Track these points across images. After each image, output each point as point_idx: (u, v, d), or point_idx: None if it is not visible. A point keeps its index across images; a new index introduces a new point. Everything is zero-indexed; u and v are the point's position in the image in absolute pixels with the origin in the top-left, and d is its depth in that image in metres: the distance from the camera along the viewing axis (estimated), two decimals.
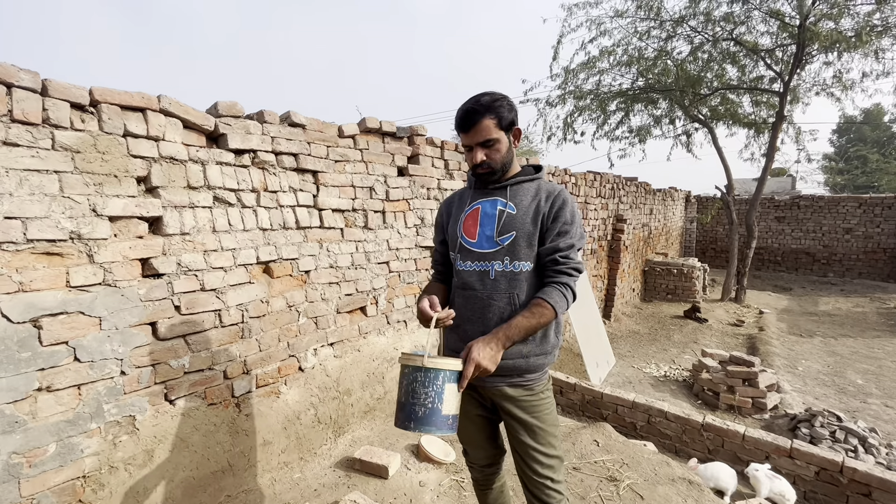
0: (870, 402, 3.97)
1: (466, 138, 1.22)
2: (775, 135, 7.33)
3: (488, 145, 1.22)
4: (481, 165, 1.24)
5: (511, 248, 1.24)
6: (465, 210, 1.33)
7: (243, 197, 2.10)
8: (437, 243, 1.47)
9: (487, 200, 1.30)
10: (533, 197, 1.27)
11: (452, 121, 1.27)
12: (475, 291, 1.27)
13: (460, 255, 1.31)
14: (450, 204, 1.43)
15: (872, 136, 21.85)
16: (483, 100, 1.20)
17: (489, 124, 1.20)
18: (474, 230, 1.29)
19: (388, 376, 2.77)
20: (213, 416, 1.94)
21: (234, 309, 2.04)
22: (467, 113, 1.20)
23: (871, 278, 9.82)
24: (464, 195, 1.39)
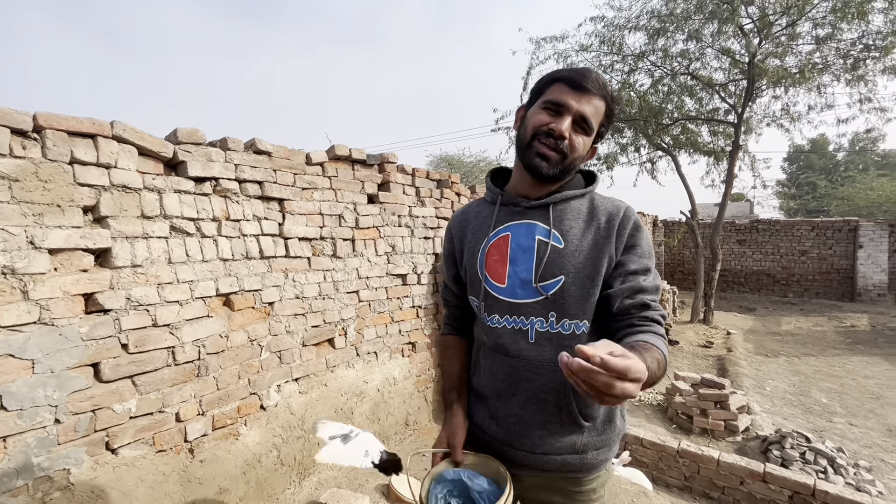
0: (835, 420, 4.06)
1: (568, 96, 0.84)
2: (732, 162, 7.72)
3: (583, 126, 0.86)
4: (556, 140, 0.85)
5: (559, 299, 0.87)
6: (488, 236, 0.95)
7: (203, 226, 2.00)
8: (449, 279, 1.09)
9: (520, 224, 0.92)
10: (587, 221, 0.90)
11: (423, 147, 1.14)
12: (509, 358, 0.92)
13: (485, 304, 0.94)
14: (462, 223, 1.03)
15: (820, 163, 23.42)
16: (609, 85, 0.89)
17: (601, 108, 0.87)
18: (502, 269, 0.91)
19: (357, 411, 2.65)
20: (162, 465, 1.79)
21: (190, 345, 1.92)
22: (592, 74, 0.86)
23: (828, 298, 10.29)
24: (482, 212, 1.00)
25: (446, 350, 1.10)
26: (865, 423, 3.99)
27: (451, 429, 0.96)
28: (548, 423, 0.90)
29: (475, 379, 1.03)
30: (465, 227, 1.02)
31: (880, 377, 5.19)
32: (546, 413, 0.89)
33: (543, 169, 0.87)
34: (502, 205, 0.96)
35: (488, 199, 1.01)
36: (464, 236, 1.01)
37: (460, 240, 1.03)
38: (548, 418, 0.90)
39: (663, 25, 7.07)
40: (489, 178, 1.04)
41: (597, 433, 0.91)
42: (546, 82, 0.90)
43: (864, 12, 5.86)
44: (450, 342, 1.10)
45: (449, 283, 1.09)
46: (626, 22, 7.52)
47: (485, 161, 18.06)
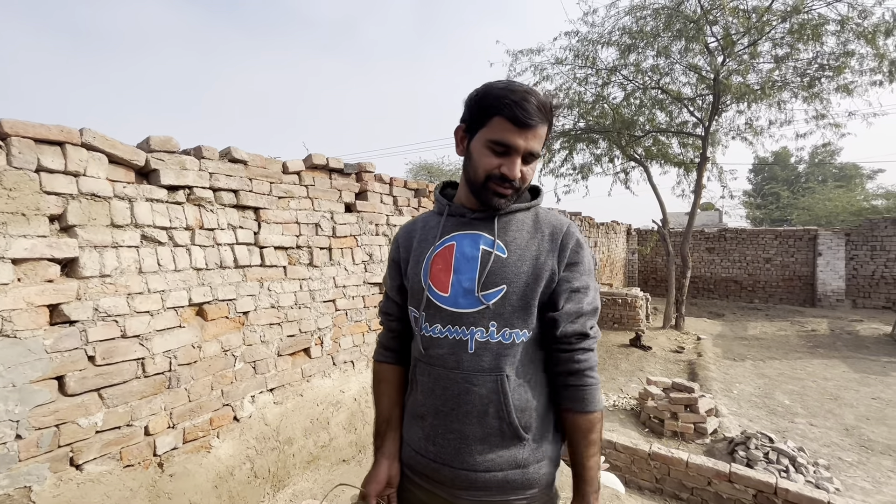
0: (797, 421, 4.24)
1: (513, 136, 0.84)
2: (701, 173, 8.02)
3: (531, 159, 0.88)
4: (510, 183, 0.87)
5: (500, 308, 0.87)
6: (433, 246, 0.94)
7: (176, 235, 1.98)
8: (393, 290, 1.04)
9: (466, 235, 0.93)
10: (531, 233, 0.92)
11: (402, 155, 1.16)
12: (447, 370, 0.90)
13: (426, 313, 0.92)
14: (409, 233, 1.03)
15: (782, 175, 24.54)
16: (548, 99, 0.86)
17: (545, 131, 0.87)
18: (446, 278, 0.91)
19: (333, 421, 2.63)
20: (130, 480, 1.74)
21: (161, 356, 1.88)
22: (533, 103, 0.83)
23: (790, 303, 10.74)
24: (429, 222, 1.00)
25: (379, 383, 1.06)
26: (824, 423, 4.18)
27: (369, 478, 0.97)
28: (488, 437, 0.88)
29: (411, 398, 0.99)
30: (412, 237, 1.01)
31: (838, 379, 5.45)
32: (486, 426, 0.88)
33: (502, 206, 0.90)
34: (449, 215, 0.97)
35: (436, 210, 1.02)
36: (410, 246, 1.00)
37: (406, 249, 1.01)
38: (488, 431, 0.88)
39: (634, 42, 7.34)
40: (438, 190, 1.04)
41: (536, 445, 0.90)
42: (486, 113, 0.86)
43: (818, 34, 6.24)
44: (384, 373, 1.05)
45: (392, 294, 1.05)
46: (599, 37, 7.77)
47: None
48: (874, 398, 4.79)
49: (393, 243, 1.07)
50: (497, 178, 0.87)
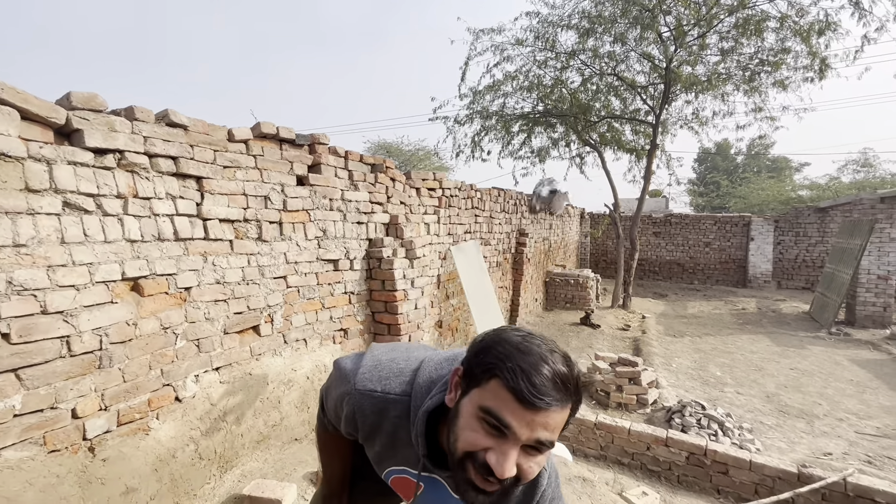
0: (726, 390, 4.62)
1: (516, 416, 0.62)
2: (651, 160, 8.37)
3: (536, 450, 0.65)
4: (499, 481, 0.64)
5: None
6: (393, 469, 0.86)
7: (105, 203, 1.81)
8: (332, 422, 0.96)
9: (435, 482, 0.83)
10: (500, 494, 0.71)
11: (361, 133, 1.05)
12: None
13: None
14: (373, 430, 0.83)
15: (723, 165, 26.12)
16: (573, 370, 0.66)
17: (564, 418, 0.65)
18: (409, 494, 0.88)
19: (284, 400, 2.56)
20: (56, 466, 1.61)
21: (90, 334, 1.73)
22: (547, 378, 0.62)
23: (725, 284, 11.59)
24: (399, 436, 0.81)
25: (328, 446, 1.01)
26: (749, 392, 4.57)
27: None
28: None
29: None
30: (376, 435, 0.83)
31: (763, 352, 5.97)
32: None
33: (480, 502, 0.67)
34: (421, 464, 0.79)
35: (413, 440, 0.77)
36: (371, 440, 0.84)
37: (365, 439, 0.85)
38: None
39: (592, 26, 7.44)
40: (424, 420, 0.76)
41: None
42: (485, 370, 0.65)
43: (760, 29, 6.59)
44: (333, 442, 1.01)
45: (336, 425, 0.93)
46: (559, 20, 7.81)
47: (423, 150, 18.02)
48: (792, 368, 5.29)
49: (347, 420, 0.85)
50: (480, 464, 0.64)
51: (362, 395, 0.81)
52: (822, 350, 6.05)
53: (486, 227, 5.47)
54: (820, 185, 14.63)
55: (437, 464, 0.76)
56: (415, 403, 0.77)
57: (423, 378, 0.80)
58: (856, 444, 3.48)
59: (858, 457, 3.27)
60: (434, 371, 0.81)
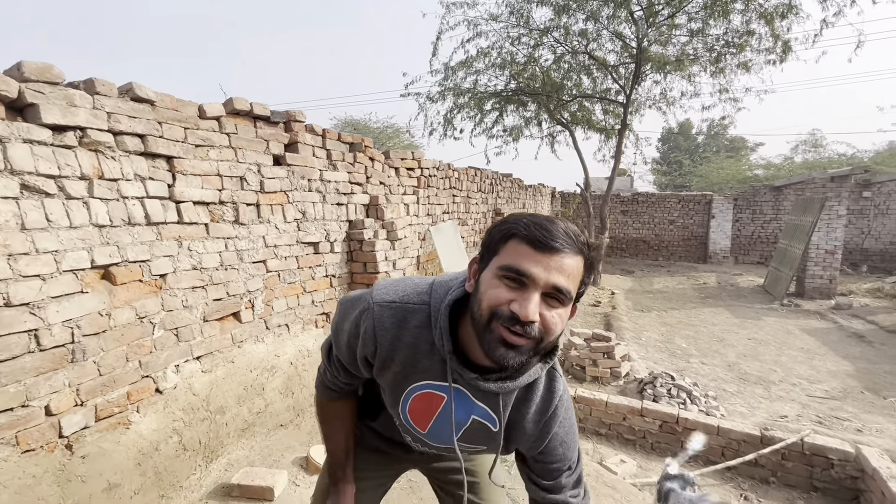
0: (692, 361, 4.88)
1: (532, 261, 0.65)
2: (621, 139, 8.52)
3: (556, 299, 0.67)
4: (524, 326, 0.66)
5: (476, 458, 1.04)
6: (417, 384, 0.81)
7: (68, 186, 1.67)
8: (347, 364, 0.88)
9: (460, 393, 0.80)
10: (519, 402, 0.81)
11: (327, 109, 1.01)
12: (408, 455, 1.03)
13: (399, 421, 0.90)
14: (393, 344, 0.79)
15: (685, 145, 26.96)
16: (582, 233, 0.70)
17: (578, 266, 0.68)
18: (425, 421, 0.84)
19: (268, 387, 2.51)
20: (32, 466, 1.52)
21: (60, 326, 1.62)
22: (559, 229, 0.67)
23: (687, 260, 12.13)
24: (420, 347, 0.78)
25: (331, 419, 0.99)
26: (713, 361, 4.85)
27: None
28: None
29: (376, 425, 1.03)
30: (396, 350, 0.80)
31: (724, 324, 6.33)
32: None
33: (511, 360, 0.68)
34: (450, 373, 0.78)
35: (435, 338, 0.77)
36: (391, 357, 0.80)
37: (385, 358, 0.80)
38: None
39: (567, 2, 7.38)
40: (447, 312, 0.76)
41: None
42: (502, 237, 0.69)
43: (727, 11, 6.72)
44: (334, 410, 0.98)
45: (347, 366, 0.88)
46: None
47: (392, 127, 17.63)
48: (750, 339, 5.64)
49: (366, 337, 0.79)
50: (505, 317, 0.66)
51: (381, 307, 0.79)
52: (776, 321, 6.47)
53: (463, 207, 5.45)
54: (774, 165, 15.38)
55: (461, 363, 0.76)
56: (434, 307, 0.78)
57: (439, 287, 0.81)
58: (807, 407, 3.77)
59: (810, 418, 3.56)
60: (449, 281, 0.82)
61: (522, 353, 0.68)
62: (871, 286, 8.20)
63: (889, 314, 6.58)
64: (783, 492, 2.64)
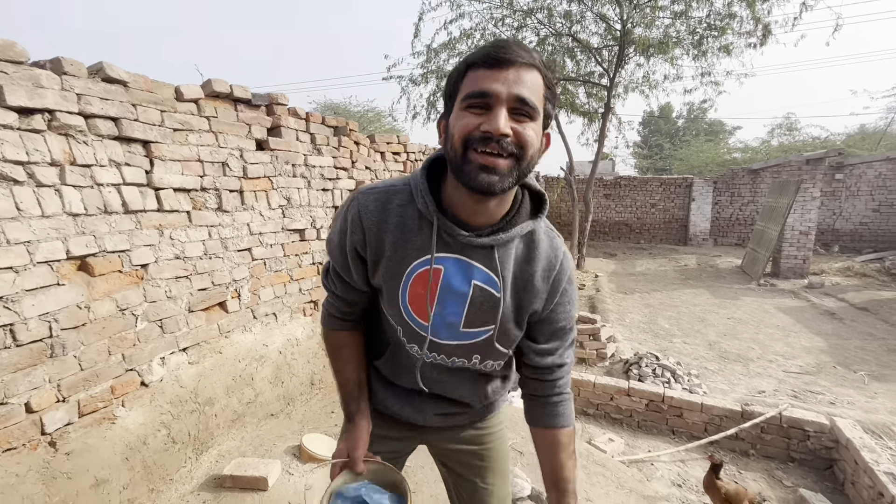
0: (674, 341, 5.01)
1: (490, 79, 0.64)
2: (604, 123, 8.54)
3: (523, 113, 0.66)
4: (499, 143, 0.65)
5: (485, 345, 0.83)
6: (412, 265, 0.78)
7: (38, 172, 1.58)
8: (342, 269, 0.85)
9: (457, 261, 0.77)
10: (524, 263, 0.80)
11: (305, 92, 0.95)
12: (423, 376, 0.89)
13: (402, 329, 0.84)
14: (380, 224, 0.78)
15: (665, 128, 27.26)
16: (535, 51, 0.70)
17: (537, 81, 0.67)
18: (426, 308, 0.79)
19: (257, 377, 2.47)
20: (14, 465, 1.47)
21: (36, 321, 1.55)
22: (511, 42, 0.67)
23: (669, 243, 12.37)
24: (407, 221, 0.78)
25: (339, 350, 0.93)
26: (694, 341, 4.99)
27: (352, 442, 0.88)
28: (465, 408, 0.97)
29: (382, 366, 0.95)
30: (384, 232, 0.78)
31: (704, 304, 6.50)
32: (448, 414, 0.96)
33: (496, 185, 0.66)
34: (436, 233, 0.76)
35: (419, 206, 0.77)
36: (381, 241, 0.78)
37: (376, 250, 0.79)
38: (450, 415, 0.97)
39: None
40: (425, 175, 0.78)
41: (500, 387, 0.99)
42: (458, 75, 0.69)
43: None
44: (341, 340, 0.93)
45: (344, 294, 0.88)
46: None
47: (373, 111, 17.30)
48: (729, 318, 5.81)
49: (353, 225, 0.79)
50: (478, 139, 0.65)
51: (365, 194, 0.80)
52: (754, 300, 6.68)
53: None
54: (752, 148, 15.69)
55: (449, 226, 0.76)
56: (414, 182, 0.79)
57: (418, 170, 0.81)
58: (783, 382, 3.92)
59: (787, 392, 3.70)
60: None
61: (504, 175, 0.67)
62: (842, 265, 8.52)
63: (858, 292, 6.86)
64: (762, 463, 2.75)
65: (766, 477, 2.62)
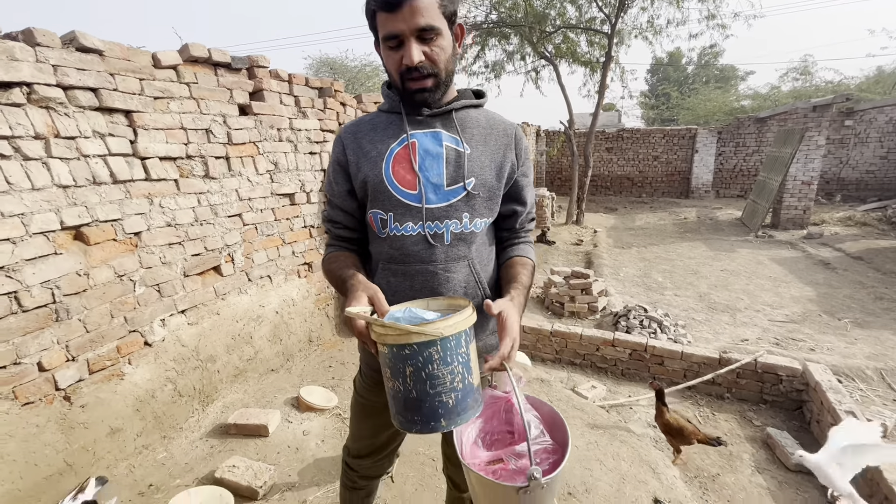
0: (666, 293, 5.12)
1: (393, 22, 0.80)
2: (605, 73, 8.27)
3: (429, 37, 0.82)
4: (418, 70, 0.83)
5: (471, 200, 0.92)
6: (390, 147, 0.92)
7: (24, 146, 1.63)
8: (340, 196, 0.98)
9: (424, 133, 0.92)
10: (486, 132, 0.96)
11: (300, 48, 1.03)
12: (423, 265, 0.92)
13: (395, 213, 0.91)
14: (356, 135, 0.96)
15: (674, 76, 26.18)
16: None
17: (428, 4, 0.80)
18: (412, 177, 0.90)
19: (256, 335, 2.62)
20: (34, 417, 1.63)
21: (39, 288, 1.66)
22: None
23: (670, 196, 12.26)
24: (378, 122, 0.96)
25: (332, 262, 0.99)
26: (685, 293, 5.10)
27: (371, 290, 0.83)
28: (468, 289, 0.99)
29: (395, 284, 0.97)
30: (360, 139, 0.95)
31: (700, 257, 6.56)
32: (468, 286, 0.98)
33: (429, 98, 0.88)
34: (405, 113, 0.93)
35: (385, 108, 0.97)
36: (360, 148, 0.95)
37: (356, 152, 0.95)
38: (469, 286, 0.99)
39: None
40: (386, 86, 0.98)
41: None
42: (369, 17, 0.86)
43: None
44: (335, 256, 1.00)
45: (339, 201, 0.99)
46: None
47: (371, 65, 16.76)
48: (722, 270, 5.89)
49: (336, 145, 0.98)
50: (405, 72, 0.84)
51: (346, 126, 1.01)
52: (749, 252, 6.73)
53: None
54: (761, 95, 15.13)
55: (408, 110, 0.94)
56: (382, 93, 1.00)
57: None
58: (768, 330, 4.05)
59: (769, 340, 3.83)
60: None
61: (432, 91, 0.87)
62: (844, 215, 8.46)
63: (856, 241, 6.87)
64: (735, 405, 2.92)
65: (738, 417, 2.79)
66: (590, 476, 1.92)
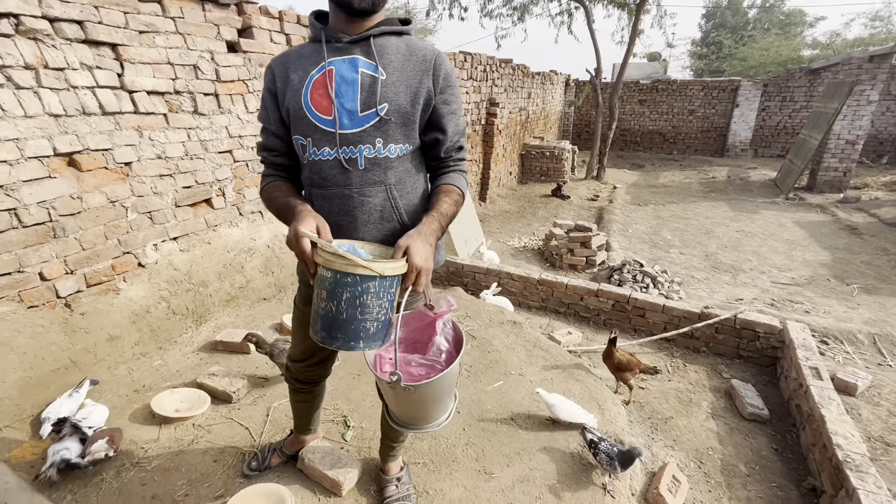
0: (671, 251, 5.04)
1: None
2: (638, 15, 7.68)
3: None
4: None
5: (384, 126, 0.96)
6: (310, 74, 0.97)
7: (15, 75, 1.77)
8: (273, 122, 1.04)
9: (343, 60, 0.97)
10: (406, 56, 0.98)
11: None
12: (339, 188, 0.99)
13: (312, 139, 0.97)
14: (284, 63, 1.02)
15: (732, 21, 23.78)
16: None
17: None
18: (328, 102, 0.95)
19: (247, 266, 2.82)
20: (38, 318, 1.88)
21: (36, 207, 1.86)
22: None
23: (703, 154, 11.61)
24: (304, 51, 1.01)
25: (274, 192, 1.05)
26: (692, 252, 5.00)
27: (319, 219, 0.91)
28: (385, 237, 1.04)
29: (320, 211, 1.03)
30: (288, 67, 1.00)
31: (717, 217, 6.33)
32: (383, 229, 1.04)
33: (354, 2, 0.90)
34: (326, 41, 0.97)
35: (311, 37, 1.02)
36: (286, 76, 1.00)
37: (283, 80, 1.00)
38: (384, 231, 1.04)
39: None
40: (312, 17, 1.03)
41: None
42: None
43: None
44: (276, 185, 1.06)
45: (272, 127, 1.05)
46: None
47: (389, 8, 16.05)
48: (738, 231, 5.69)
49: (267, 73, 1.03)
50: None
51: (277, 56, 1.07)
52: (773, 214, 6.42)
53: None
54: (821, 44, 13.68)
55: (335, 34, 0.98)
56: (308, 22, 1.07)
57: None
58: (767, 292, 3.97)
59: (765, 301, 3.78)
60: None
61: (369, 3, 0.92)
62: (889, 179, 7.85)
63: (894, 206, 6.42)
64: (710, 359, 2.95)
65: (709, 370, 2.84)
66: (535, 406, 2.06)
